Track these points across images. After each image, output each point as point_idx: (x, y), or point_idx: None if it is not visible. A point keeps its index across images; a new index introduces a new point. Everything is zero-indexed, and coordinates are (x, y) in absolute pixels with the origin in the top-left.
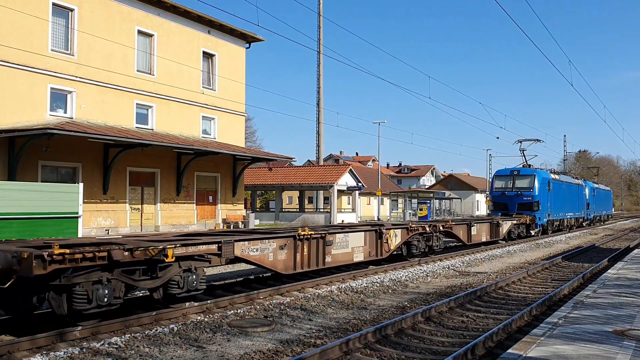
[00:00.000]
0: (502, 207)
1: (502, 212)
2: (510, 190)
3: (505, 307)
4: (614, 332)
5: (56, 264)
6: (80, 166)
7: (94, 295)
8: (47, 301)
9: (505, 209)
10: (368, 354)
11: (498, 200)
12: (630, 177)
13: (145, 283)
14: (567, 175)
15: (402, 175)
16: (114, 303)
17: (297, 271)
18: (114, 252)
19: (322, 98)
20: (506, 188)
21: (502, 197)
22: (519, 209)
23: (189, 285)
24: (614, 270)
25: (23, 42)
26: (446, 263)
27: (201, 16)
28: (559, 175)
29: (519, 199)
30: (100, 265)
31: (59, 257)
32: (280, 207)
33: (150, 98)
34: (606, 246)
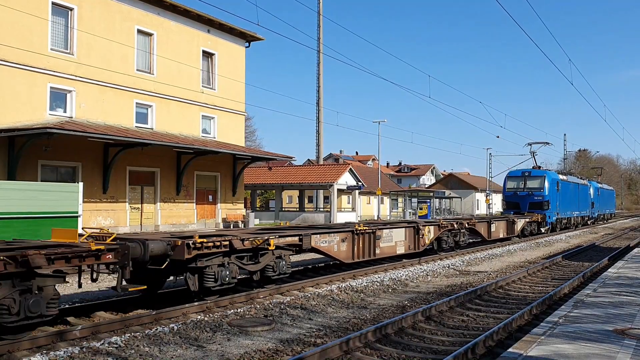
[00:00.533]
0: (514, 206)
1: (515, 210)
2: (522, 190)
3: (505, 306)
4: (615, 331)
5: (196, 250)
6: (80, 165)
7: (219, 276)
8: (185, 280)
9: (517, 208)
10: (368, 353)
11: (511, 200)
12: (630, 176)
13: (250, 267)
14: (573, 176)
15: (402, 175)
16: (232, 282)
17: (355, 260)
18: (234, 242)
19: (322, 97)
20: (518, 188)
21: (515, 197)
22: (530, 207)
23: (280, 270)
24: (614, 269)
25: (23, 42)
26: (446, 262)
27: (201, 15)
28: (566, 176)
29: (530, 199)
30: (222, 252)
31: (199, 244)
32: (280, 207)
33: (150, 97)
34: (606, 245)
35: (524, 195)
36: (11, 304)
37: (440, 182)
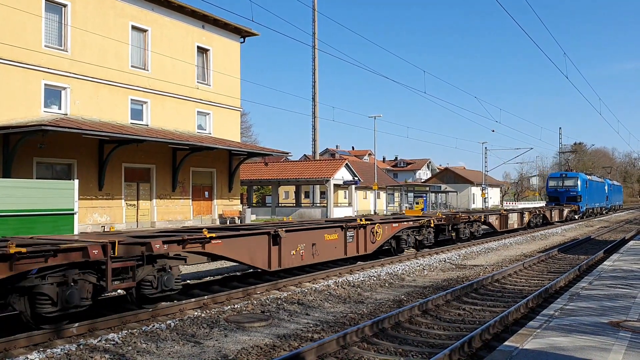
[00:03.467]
0: (555, 200)
1: (555, 203)
2: (561, 187)
3: (501, 300)
4: (610, 323)
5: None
6: (75, 162)
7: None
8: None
9: (557, 201)
10: (365, 348)
11: (552, 195)
12: (625, 169)
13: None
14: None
15: (398, 169)
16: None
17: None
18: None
19: (317, 92)
20: (557, 186)
21: (555, 193)
22: (567, 200)
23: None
24: (610, 262)
25: (16, 39)
26: (442, 256)
27: (195, 11)
28: (590, 176)
29: (567, 194)
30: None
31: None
32: (277, 202)
33: (144, 94)
34: (602, 238)
35: (562, 191)
36: (152, 280)
37: (436, 177)
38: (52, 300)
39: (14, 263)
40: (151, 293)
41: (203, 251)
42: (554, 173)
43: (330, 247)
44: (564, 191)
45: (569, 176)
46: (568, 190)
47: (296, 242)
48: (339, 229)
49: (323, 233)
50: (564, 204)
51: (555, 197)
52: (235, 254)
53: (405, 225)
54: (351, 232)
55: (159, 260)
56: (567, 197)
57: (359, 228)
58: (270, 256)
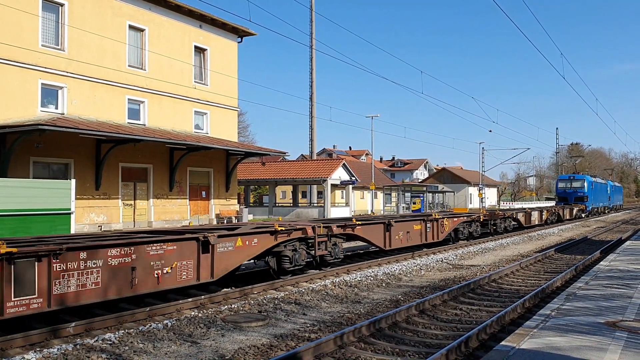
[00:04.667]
0: (564, 200)
1: (564, 202)
2: (569, 188)
3: (498, 300)
4: (606, 323)
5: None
6: (72, 162)
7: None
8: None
9: (566, 201)
10: (362, 348)
11: (561, 195)
12: (622, 169)
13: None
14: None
15: (395, 169)
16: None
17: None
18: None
19: (315, 92)
20: (566, 187)
21: (564, 193)
22: (575, 200)
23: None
24: (606, 262)
25: (13, 38)
26: (439, 256)
27: (192, 10)
28: (595, 178)
29: (575, 195)
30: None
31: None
32: (274, 202)
33: (141, 93)
34: (598, 238)
35: (570, 192)
36: (331, 249)
37: (434, 177)
38: (290, 260)
39: (277, 236)
40: (330, 259)
41: (352, 233)
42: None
43: (417, 234)
44: (572, 192)
45: (576, 178)
46: (576, 191)
47: (398, 230)
48: (422, 222)
49: (413, 224)
50: (572, 203)
51: (564, 197)
52: (368, 235)
53: (462, 220)
54: (429, 224)
55: (333, 238)
56: (575, 198)
57: (434, 221)
58: (385, 239)
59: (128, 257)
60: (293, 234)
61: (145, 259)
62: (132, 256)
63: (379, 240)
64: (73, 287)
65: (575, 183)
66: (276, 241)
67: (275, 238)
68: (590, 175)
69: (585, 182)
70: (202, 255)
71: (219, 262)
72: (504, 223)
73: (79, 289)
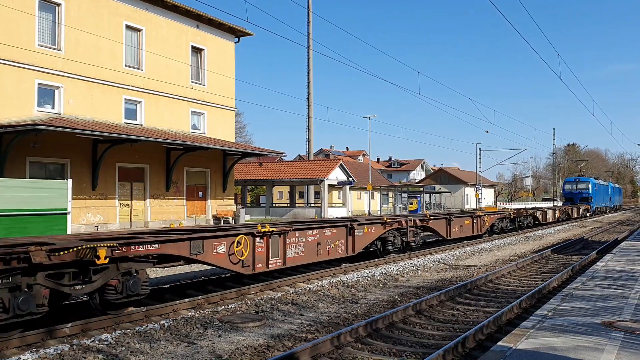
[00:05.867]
0: (570, 200)
1: (570, 203)
2: (575, 190)
3: (495, 300)
4: (603, 323)
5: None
6: (68, 162)
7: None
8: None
9: (572, 201)
10: (359, 348)
11: (567, 196)
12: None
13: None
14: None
15: (392, 170)
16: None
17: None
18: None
19: (312, 93)
20: (572, 189)
21: (570, 194)
22: (580, 201)
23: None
24: (603, 262)
25: (10, 37)
26: (436, 257)
27: (189, 10)
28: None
29: (580, 195)
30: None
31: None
32: (271, 202)
33: (138, 93)
34: (595, 239)
35: (576, 193)
36: (415, 237)
37: (430, 177)
38: (393, 244)
39: (386, 226)
40: (414, 245)
41: (427, 225)
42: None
43: (468, 227)
44: (578, 193)
45: (582, 180)
46: (581, 192)
47: (455, 224)
48: (470, 217)
49: (464, 219)
50: (578, 203)
51: (570, 197)
52: (436, 227)
53: (497, 217)
54: (475, 220)
55: (410, 230)
56: (580, 198)
57: (478, 217)
58: (447, 230)
59: (316, 237)
60: (394, 225)
61: (323, 238)
62: (317, 236)
63: (443, 231)
64: (292, 253)
65: (581, 185)
66: (384, 229)
67: (384, 227)
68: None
69: (590, 184)
70: (349, 237)
71: (356, 242)
72: (527, 220)
73: (294, 255)
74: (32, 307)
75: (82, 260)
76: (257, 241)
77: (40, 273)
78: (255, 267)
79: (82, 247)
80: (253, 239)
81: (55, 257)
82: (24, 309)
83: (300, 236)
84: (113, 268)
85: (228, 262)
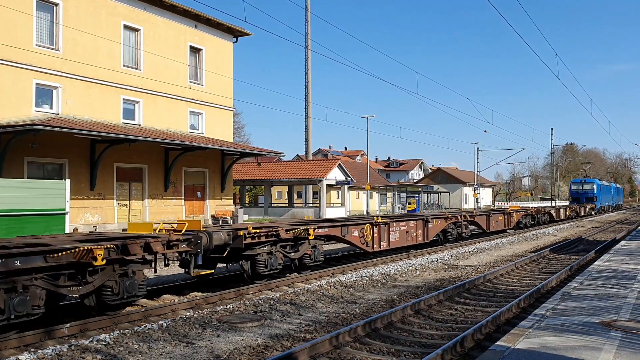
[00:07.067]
0: (576, 200)
1: (577, 202)
2: (581, 190)
3: (493, 300)
4: (601, 323)
5: (250, 239)
6: (66, 162)
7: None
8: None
9: (579, 201)
10: (358, 348)
11: (574, 196)
12: (616, 169)
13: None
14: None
15: (390, 170)
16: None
17: (490, 230)
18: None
19: (310, 92)
20: (578, 189)
21: (577, 194)
22: (586, 200)
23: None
24: (601, 262)
25: (7, 37)
26: (435, 256)
27: (188, 10)
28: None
29: (586, 195)
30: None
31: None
32: (269, 202)
33: (136, 93)
34: (593, 238)
35: (582, 193)
36: (465, 230)
37: (429, 177)
38: (451, 234)
39: (447, 220)
40: (465, 236)
41: (474, 220)
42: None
43: (501, 222)
44: (584, 193)
45: (587, 182)
46: (587, 192)
47: (493, 219)
48: (503, 214)
49: (498, 216)
50: (584, 203)
51: (577, 197)
52: (480, 222)
53: (523, 214)
54: (506, 216)
55: (463, 223)
56: (586, 198)
57: (508, 214)
58: (487, 224)
59: (405, 227)
60: (453, 219)
61: (410, 228)
62: (406, 226)
63: (484, 225)
64: (393, 238)
65: (587, 185)
66: (446, 223)
67: (446, 221)
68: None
69: (595, 185)
70: (425, 228)
71: (429, 232)
72: (544, 217)
73: (394, 240)
74: (454, 236)
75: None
76: (373, 229)
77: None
78: (374, 247)
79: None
80: (372, 227)
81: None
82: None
83: (397, 226)
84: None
85: (359, 242)
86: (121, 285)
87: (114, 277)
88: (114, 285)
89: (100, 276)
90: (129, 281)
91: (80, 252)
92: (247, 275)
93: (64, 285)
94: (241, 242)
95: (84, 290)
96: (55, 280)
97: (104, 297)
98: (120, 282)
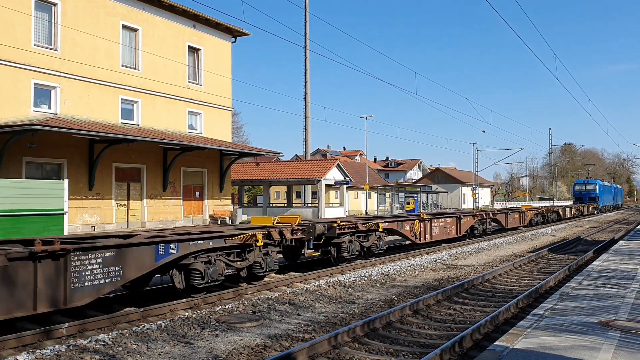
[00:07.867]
0: (579, 199)
1: (580, 202)
2: (584, 190)
3: (492, 300)
4: (599, 322)
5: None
6: (65, 162)
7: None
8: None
9: (582, 201)
10: (356, 348)
11: (577, 196)
12: (614, 169)
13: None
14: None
15: (389, 169)
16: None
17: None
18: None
19: (309, 93)
20: (581, 189)
21: (580, 194)
22: (589, 200)
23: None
24: (599, 262)
25: (6, 37)
26: (433, 256)
27: (186, 10)
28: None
29: (589, 195)
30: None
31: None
32: (268, 202)
33: (135, 93)
34: (591, 238)
35: (585, 193)
36: (489, 227)
37: (427, 177)
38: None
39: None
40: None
41: (495, 217)
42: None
43: (517, 220)
44: (586, 193)
45: (590, 182)
46: (589, 192)
47: (510, 217)
48: (519, 213)
49: (515, 214)
50: (587, 202)
51: (580, 197)
52: (501, 219)
53: (535, 212)
54: (521, 214)
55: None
56: (588, 198)
57: (522, 212)
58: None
59: (443, 222)
60: (479, 217)
61: (447, 223)
62: (444, 222)
63: (504, 222)
64: (434, 232)
65: (589, 186)
66: (474, 220)
67: (474, 218)
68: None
69: (597, 186)
70: (458, 224)
71: (461, 227)
72: (552, 215)
73: (435, 234)
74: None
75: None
76: (421, 224)
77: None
78: (420, 239)
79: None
80: (420, 222)
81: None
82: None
83: (437, 222)
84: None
85: (410, 235)
86: (264, 261)
87: (261, 256)
88: (262, 261)
89: (254, 254)
90: (270, 258)
91: (247, 236)
92: (333, 258)
93: (233, 260)
94: (334, 232)
95: (245, 264)
96: (228, 257)
97: (254, 270)
98: (264, 259)
